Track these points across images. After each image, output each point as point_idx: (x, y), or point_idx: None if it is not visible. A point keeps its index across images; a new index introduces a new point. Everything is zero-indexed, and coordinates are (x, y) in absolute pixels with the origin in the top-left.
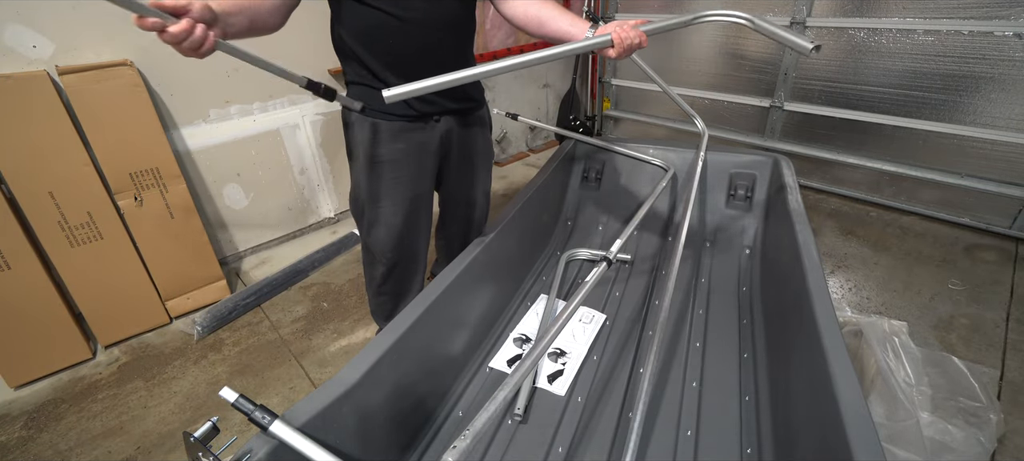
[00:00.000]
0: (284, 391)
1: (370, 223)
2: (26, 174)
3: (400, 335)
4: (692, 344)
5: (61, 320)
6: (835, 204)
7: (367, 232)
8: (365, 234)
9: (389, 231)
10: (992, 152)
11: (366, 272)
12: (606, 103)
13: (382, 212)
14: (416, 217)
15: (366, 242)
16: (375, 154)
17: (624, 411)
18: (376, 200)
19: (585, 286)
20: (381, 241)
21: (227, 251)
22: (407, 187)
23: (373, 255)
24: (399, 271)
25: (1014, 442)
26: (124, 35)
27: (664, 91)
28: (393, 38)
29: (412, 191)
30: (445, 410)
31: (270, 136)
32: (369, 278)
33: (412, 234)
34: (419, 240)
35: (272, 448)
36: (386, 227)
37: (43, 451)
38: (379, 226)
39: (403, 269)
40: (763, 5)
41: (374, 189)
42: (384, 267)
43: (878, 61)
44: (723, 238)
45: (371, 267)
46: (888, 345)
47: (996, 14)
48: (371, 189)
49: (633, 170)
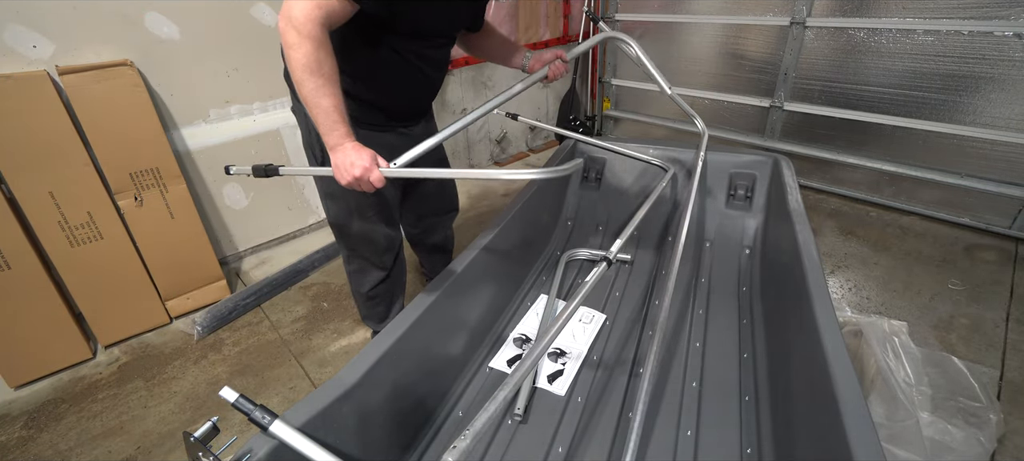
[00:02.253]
0: (284, 391)
1: (363, 235)
2: (26, 174)
3: (400, 335)
4: (692, 344)
5: (61, 320)
6: (835, 204)
7: (357, 242)
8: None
9: (380, 238)
10: (992, 152)
11: (354, 281)
12: (606, 103)
13: (369, 221)
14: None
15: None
16: None
17: (624, 411)
18: (362, 210)
19: (585, 286)
20: (373, 249)
21: (227, 251)
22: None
23: (367, 263)
24: (392, 273)
25: (1014, 442)
26: (124, 35)
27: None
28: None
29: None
30: (445, 410)
31: (270, 136)
32: (357, 284)
33: (396, 233)
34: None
35: (272, 448)
36: (376, 234)
37: (43, 451)
38: (374, 235)
39: (395, 270)
40: (763, 5)
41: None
42: (381, 272)
43: (878, 61)
44: (723, 238)
45: (362, 275)
46: (888, 345)
47: (996, 14)
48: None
49: (633, 170)
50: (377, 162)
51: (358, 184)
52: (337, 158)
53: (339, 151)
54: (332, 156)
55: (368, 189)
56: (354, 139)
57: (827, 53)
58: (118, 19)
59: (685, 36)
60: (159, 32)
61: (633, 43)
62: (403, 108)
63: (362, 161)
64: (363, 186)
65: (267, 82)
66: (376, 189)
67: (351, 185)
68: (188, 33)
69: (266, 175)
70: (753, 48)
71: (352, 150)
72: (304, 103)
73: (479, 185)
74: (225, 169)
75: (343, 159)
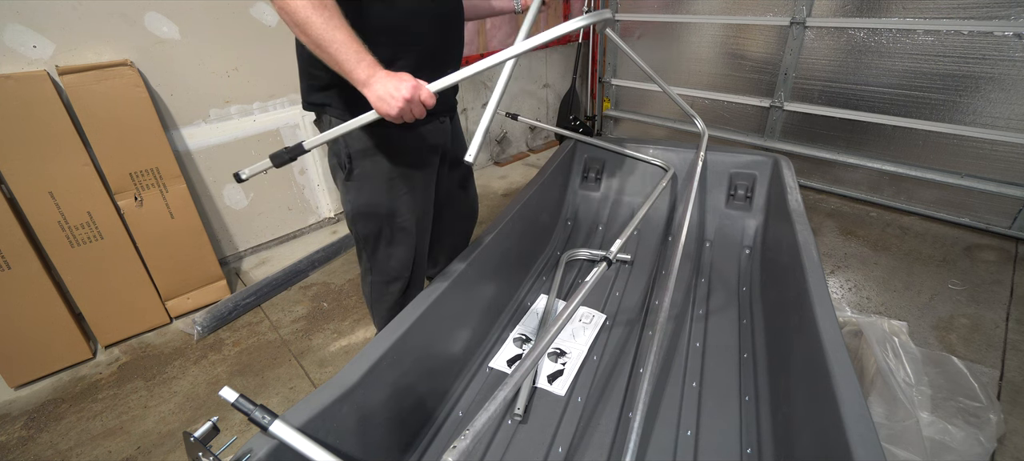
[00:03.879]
0: (284, 391)
1: (389, 242)
2: (26, 174)
3: (400, 335)
4: (692, 344)
5: (61, 320)
6: (835, 204)
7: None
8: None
9: (409, 246)
10: (992, 152)
11: (374, 291)
12: (606, 103)
13: (402, 228)
14: (427, 221)
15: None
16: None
17: (624, 411)
18: (394, 216)
19: (585, 286)
20: (403, 259)
21: (227, 251)
22: (421, 193)
23: (390, 275)
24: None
25: (1014, 442)
26: (124, 35)
27: (664, 91)
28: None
29: (424, 195)
30: (445, 410)
31: (270, 136)
32: (379, 295)
33: (424, 241)
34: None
35: (272, 448)
36: (407, 243)
37: (43, 451)
38: (399, 244)
39: (417, 277)
40: (764, 5)
41: (393, 205)
42: (403, 283)
43: (878, 61)
44: (723, 238)
45: (384, 286)
46: (888, 345)
47: (996, 14)
48: (391, 205)
49: (633, 170)
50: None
51: (410, 108)
52: (376, 90)
53: (375, 83)
54: (369, 92)
55: (420, 112)
56: (382, 67)
57: (827, 53)
58: (118, 19)
59: (685, 36)
60: (159, 32)
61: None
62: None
63: (406, 82)
64: (416, 109)
65: (267, 82)
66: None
67: (403, 112)
68: (188, 33)
69: (292, 158)
70: (753, 48)
71: (388, 77)
72: (318, 47)
73: (479, 186)
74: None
75: (383, 88)
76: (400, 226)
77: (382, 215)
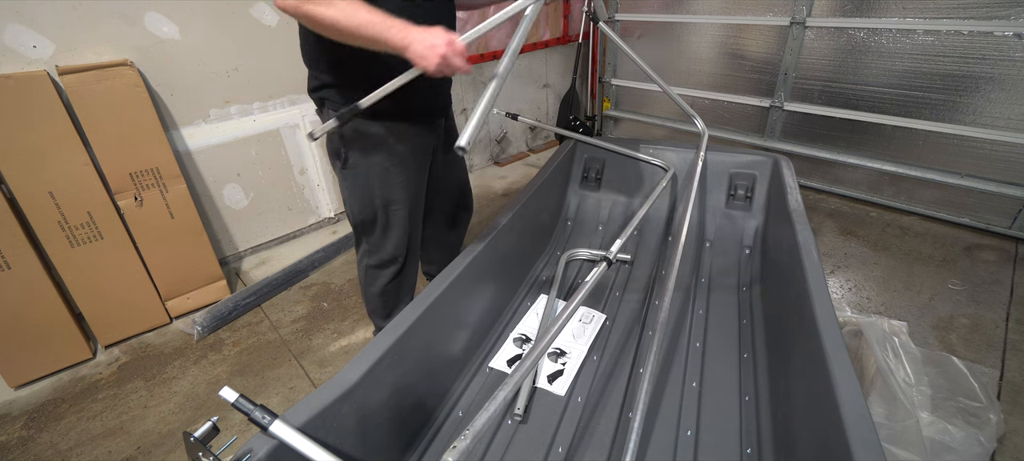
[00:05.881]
0: (284, 391)
1: (383, 228)
2: (26, 174)
3: (400, 335)
4: (692, 344)
5: (61, 320)
6: (835, 204)
7: (380, 238)
8: (377, 240)
9: (402, 232)
10: (992, 152)
11: (368, 275)
12: (606, 103)
13: (395, 215)
14: (419, 211)
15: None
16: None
17: (624, 411)
18: (388, 204)
19: (585, 286)
20: (396, 244)
21: (227, 251)
22: (414, 185)
23: (383, 259)
24: (407, 267)
25: (1014, 442)
26: (124, 35)
27: (664, 91)
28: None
29: (417, 187)
30: (445, 410)
31: (270, 136)
32: (371, 280)
33: (417, 230)
34: (419, 233)
35: (272, 448)
36: (400, 229)
37: (43, 451)
38: (393, 230)
39: (411, 264)
40: (763, 5)
41: (387, 194)
42: (396, 268)
43: (878, 61)
44: (723, 238)
45: (377, 270)
46: (888, 345)
47: (996, 14)
48: (385, 195)
49: (633, 170)
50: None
51: (447, 62)
52: (415, 48)
53: (412, 41)
54: (408, 52)
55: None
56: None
57: (827, 53)
58: (118, 19)
59: (685, 36)
60: (159, 32)
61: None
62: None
63: (440, 37)
64: (455, 62)
65: (267, 82)
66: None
67: (441, 66)
68: (188, 33)
69: (352, 117)
70: (753, 48)
71: (422, 33)
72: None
73: (479, 186)
74: (309, 136)
75: (421, 44)
76: (394, 212)
77: (376, 201)
